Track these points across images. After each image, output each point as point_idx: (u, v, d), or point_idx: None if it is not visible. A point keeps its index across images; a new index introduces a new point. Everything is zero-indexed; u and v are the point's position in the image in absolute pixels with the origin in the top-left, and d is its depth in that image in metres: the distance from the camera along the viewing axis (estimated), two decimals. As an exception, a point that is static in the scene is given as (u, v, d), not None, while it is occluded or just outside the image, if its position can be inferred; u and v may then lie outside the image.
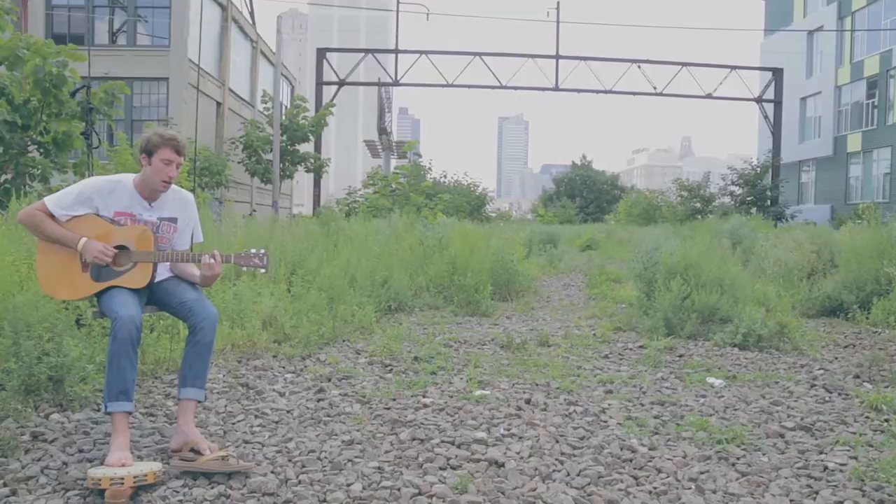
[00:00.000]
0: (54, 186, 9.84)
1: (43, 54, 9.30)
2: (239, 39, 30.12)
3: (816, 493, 2.90)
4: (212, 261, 3.32)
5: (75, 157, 10.91)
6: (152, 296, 3.44)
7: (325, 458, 3.20)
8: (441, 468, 3.11)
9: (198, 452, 3.04)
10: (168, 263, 3.44)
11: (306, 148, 28.86)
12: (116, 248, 3.24)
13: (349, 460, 3.17)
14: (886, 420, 3.85)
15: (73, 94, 9.72)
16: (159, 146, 3.30)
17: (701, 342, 6.04)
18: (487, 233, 12.78)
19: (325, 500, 2.78)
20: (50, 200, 3.26)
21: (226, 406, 3.96)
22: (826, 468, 3.16)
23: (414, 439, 3.47)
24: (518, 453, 3.30)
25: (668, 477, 3.06)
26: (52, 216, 3.23)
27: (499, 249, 9.60)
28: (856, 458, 3.27)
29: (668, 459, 3.25)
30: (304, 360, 5.19)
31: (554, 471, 3.10)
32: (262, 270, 3.51)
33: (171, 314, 3.53)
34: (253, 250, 3.46)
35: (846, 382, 4.74)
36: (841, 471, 3.12)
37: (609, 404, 4.15)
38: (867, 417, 3.93)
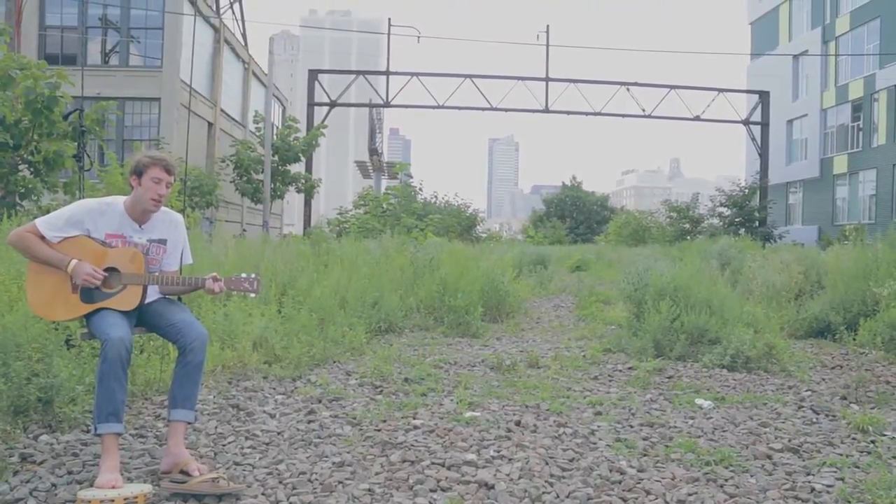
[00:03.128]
0: (45, 205, 9.83)
1: (36, 77, 9.33)
2: (231, 60, 30.28)
3: (804, 514, 2.93)
4: (214, 285, 3.35)
5: (66, 177, 10.91)
6: (142, 317, 3.45)
7: (316, 479, 3.20)
8: (431, 490, 3.12)
9: (187, 474, 3.03)
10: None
11: (297, 168, 28.93)
12: (107, 269, 3.26)
13: (340, 482, 3.17)
14: (873, 441, 3.89)
15: (65, 118, 9.75)
16: (149, 166, 3.33)
17: (690, 363, 6.08)
18: (478, 254, 12.81)
19: (315, 523, 2.78)
20: (41, 222, 3.28)
21: (216, 427, 3.96)
22: (813, 490, 3.18)
23: (404, 461, 3.48)
24: (508, 475, 3.30)
25: (656, 499, 3.07)
26: (42, 238, 3.25)
27: (489, 270, 9.63)
28: (843, 479, 3.30)
29: (657, 481, 3.27)
30: (295, 381, 5.18)
31: (544, 493, 3.11)
32: (253, 295, 3.52)
33: (160, 335, 3.53)
34: (244, 275, 3.47)
35: (833, 404, 4.78)
36: (828, 492, 3.15)
37: (598, 426, 4.17)
38: (854, 439, 3.96)
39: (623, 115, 31.61)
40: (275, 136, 26.96)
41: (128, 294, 3.28)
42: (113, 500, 2.71)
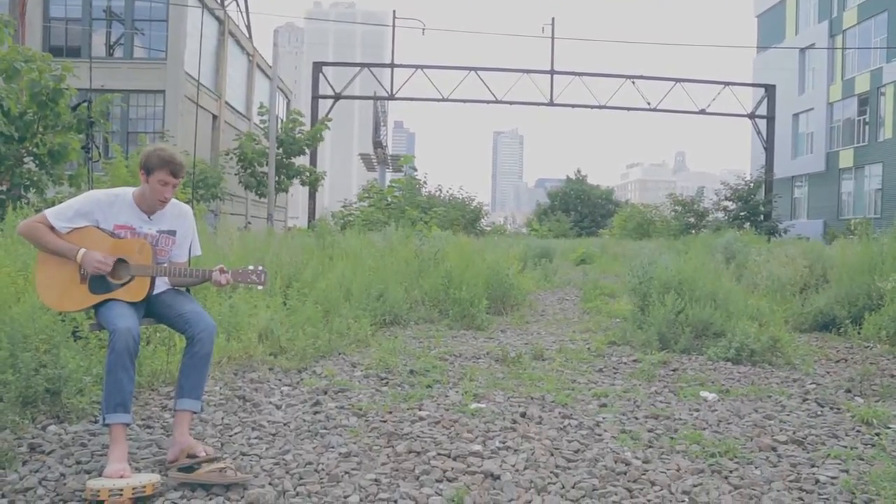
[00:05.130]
0: (50, 198, 9.85)
1: (40, 69, 9.33)
2: (235, 53, 30.25)
3: (808, 505, 2.93)
4: (221, 277, 3.37)
5: (70, 169, 10.93)
6: (150, 308, 3.46)
7: (323, 470, 3.22)
8: (437, 480, 3.14)
9: (193, 456, 3.06)
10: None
11: (302, 161, 28.92)
12: (115, 260, 3.27)
13: (346, 472, 3.19)
14: (877, 434, 3.89)
15: (74, 109, 9.77)
16: (157, 167, 3.32)
17: (695, 356, 6.08)
18: (482, 247, 12.81)
19: (322, 512, 2.79)
20: (51, 213, 3.30)
21: (223, 418, 3.98)
22: (818, 481, 3.19)
23: (410, 452, 3.49)
24: (513, 466, 3.32)
25: (661, 490, 3.09)
26: (52, 228, 3.26)
27: (494, 263, 9.63)
28: (847, 471, 3.31)
29: (662, 472, 3.28)
30: (301, 372, 5.21)
31: (549, 483, 3.13)
32: (260, 288, 3.53)
33: (168, 326, 3.55)
34: (251, 267, 3.49)
35: (838, 396, 4.78)
36: (832, 484, 3.16)
37: (603, 418, 4.18)
38: (858, 431, 3.97)
39: (628, 109, 31.53)
40: (279, 129, 26.95)
41: (136, 285, 3.30)
42: (121, 490, 2.73)
